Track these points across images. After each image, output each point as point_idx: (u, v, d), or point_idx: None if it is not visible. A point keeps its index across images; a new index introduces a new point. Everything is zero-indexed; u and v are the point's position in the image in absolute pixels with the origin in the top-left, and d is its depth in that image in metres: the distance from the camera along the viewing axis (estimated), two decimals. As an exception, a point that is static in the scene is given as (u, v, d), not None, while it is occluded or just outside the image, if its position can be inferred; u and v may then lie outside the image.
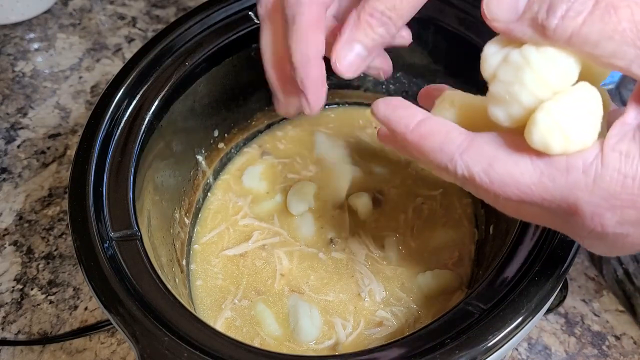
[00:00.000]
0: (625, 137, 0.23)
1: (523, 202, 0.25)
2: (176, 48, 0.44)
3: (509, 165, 0.24)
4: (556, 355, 0.47)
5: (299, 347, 0.42)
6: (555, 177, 0.23)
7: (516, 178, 0.24)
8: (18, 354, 0.48)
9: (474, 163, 0.25)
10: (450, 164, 0.25)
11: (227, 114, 0.51)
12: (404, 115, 0.27)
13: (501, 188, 0.24)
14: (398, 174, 0.52)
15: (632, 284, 0.47)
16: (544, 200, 0.24)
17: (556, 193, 0.23)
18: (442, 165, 0.26)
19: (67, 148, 0.63)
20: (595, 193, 0.23)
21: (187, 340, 0.31)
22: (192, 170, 0.49)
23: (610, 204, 0.23)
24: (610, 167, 0.22)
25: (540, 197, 0.24)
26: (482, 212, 0.48)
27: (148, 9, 0.79)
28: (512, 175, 0.24)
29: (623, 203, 0.22)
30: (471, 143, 0.25)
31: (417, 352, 0.30)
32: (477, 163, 0.25)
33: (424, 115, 0.27)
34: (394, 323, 0.43)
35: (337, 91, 0.56)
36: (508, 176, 0.24)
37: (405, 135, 0.27)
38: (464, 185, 0.27)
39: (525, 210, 0.26)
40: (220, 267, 0.47)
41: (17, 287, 0.52)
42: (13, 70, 0.71)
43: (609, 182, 0.22)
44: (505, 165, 0.24)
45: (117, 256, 0.35)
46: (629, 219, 0.23)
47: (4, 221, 0.57)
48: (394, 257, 0.46)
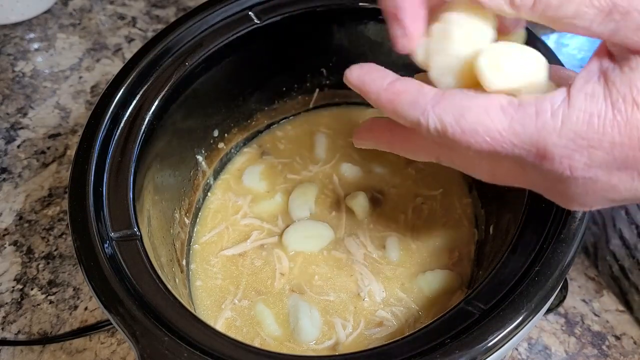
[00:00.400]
0: (590, 80, 0.23)
1: (495, 152, 0.25)
2: (176, 48, 0.44)
3: (479, 113, 0.25)
4: (556, 355, 0.47)
5: (299, 347, 0.42)
6: (525, 122, 0.24)
7: (487, 125, 0.24)
8: (18, 354, 0.48)
9: (446, 113, 0.25)
10: (423, 116, 0.26)
11: (227, 114, 0.51)
12: (377, 77, 0.28)
13: (473, 137, 0.25)
14: (398, 174, 0.52)
15: (628, 280, 0.47)
16: (515, 147, 0.24)
17: (526, 137, 0.24)
18: (415, 119, 0.26)
19: (67, 148, 0.63)
20: (563, 134, 0.23)
21: (187, 340, 0.31)
22: (192, 170, 0.49)
23: (578, 145, 0.23)
24: (577, 108, 0.23)
25: (510, 144, 0.24)
26: (482, 212, 0.48)
27: (148, 9, 0.79)
28: (483, 123, 0.24)
29: (590, 142, 0.23)
30: (443, 96, 0.26)
31: (417, 352, 0.30)
32: (449, 113, 0.25)
33: (397, 77, 0.28)
34: (394, 323, 0.43)
35: (337, 91, 0.56)
36: (479, 124, 0.24)
37: (379, 94, 0.27)
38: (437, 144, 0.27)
39: (497, 167, 0.27)
40: (219, 267, 0.47)
41: (17, 287, 0.52)
42: (13, 70, 0.71)
43: (576, 122, 0.23)
44: (477, 113, 0.25)
45: (117, 256, 0.35)
46: (596, 160, 0.23)
47: (4, 221, 0.57)
48: (394, 257, 0.46)
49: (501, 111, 0.24)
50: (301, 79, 0.54)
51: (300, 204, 0.49)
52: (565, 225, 0.34)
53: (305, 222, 0.49)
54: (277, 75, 0.53)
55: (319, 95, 0.56)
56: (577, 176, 0.24)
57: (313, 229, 0.48)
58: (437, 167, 0.52)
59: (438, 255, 0.46)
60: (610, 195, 0.25)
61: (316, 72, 0.54)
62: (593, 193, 0.25)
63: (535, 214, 0.35)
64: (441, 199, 0.50)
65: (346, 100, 0.57)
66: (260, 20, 0.46)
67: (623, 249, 0.47)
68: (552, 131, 0.23)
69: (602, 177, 0.24)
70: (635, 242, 0.46)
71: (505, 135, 0.24)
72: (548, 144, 0.23)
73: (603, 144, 0.23)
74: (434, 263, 0.46)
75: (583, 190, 0.25)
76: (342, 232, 0.48)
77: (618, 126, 0.22)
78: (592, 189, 0.24)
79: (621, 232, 0.47)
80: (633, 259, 0.46)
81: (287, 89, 0.54)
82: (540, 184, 0.27)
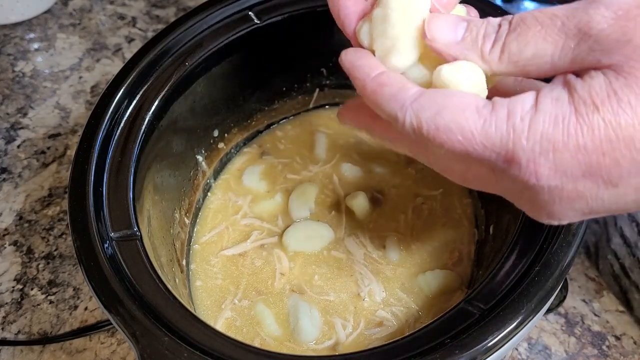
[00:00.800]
0: (555, 88, 0.25)
1: (466, 154, 0.25)
2: (176, 48, 0.44)
3: (456, 112, 0.25)
4: (556, 355, 0.47)
5: (299, 347, 0.42)
6: (497, 124, 0.25)
7: (461, 124, 0.25)
8: (18, 354, 0.48)
9: (424, 110, 0.26)
10: (401, 111, 0.27)
11: (227, 114, 0.51)
12: (368, 65, 0.29)
13: (447, 134, 0.25)
14: (398, 174, 0.52)
15: (629, 278, 0.47)
16: (485, 149, 0.25)
17: (496, 140, 0.24)
18: (393, 113, 0.27)
19: (67, 148, 0.63)
20: (530, 137, 0.24)
21: (187, 340, 0.31)
22: (192, 170, 0.49)
23: (543, 148, 0.24)
24: (543, 111, 0.24)
25: (481, 145, 0.25)
26: (482, 212, 0.48)
27: (148, 9, 0.79)
28: (458, 121, 0.25)
29: (555, 145, 0.23)
30: (423, 94, 0.27)
31: (417, 352, 0.30)
32: (427, 110, 0.26)
33: (387, 70, 0.29)
34: (394, 323, 0.43)
35: (337, 91, 0.56)
36: (454, 122, 0.25)
37: (365, 82, 0.29)
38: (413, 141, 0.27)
39: (469, 170, 0.27)
40: (219, 267, 0.47)
41: (17, 287, 0.52)
42: (13, 70, 0.71)
43: (542, 124, 0.24)
44: (453, 112, 0.25)
45: (117, 256, 0.35)
46: (562, 165, 0.24)
47: (4, 221, 0.57)
48: (394, 257, 0.46)
49: (476, 112, 0.25)
50: (301, 79, 0.54)
51: (300, 204, 0.49)
52: (565, 225, 0.34)
53: (305, 222, 0.49)
54: (277, 75, 0.53)
55: (319, 95, 0.56)
56: (542, 184, 0.24)
57: (313, 229, 0.48)
58: (437, 167, 0.52)
59: (438, 255, 0.46)
60: (577, 205, 0.25)
61: (316, 72, 0.54)
62: (560, 202, 0.25)
63: (535, 214, 0.35)
64: (441, 199, 0.50)
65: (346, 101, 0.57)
66: (260, 20, 0.46)
67: (624, 247, 0.47)
68: (520, 133, 0.24)
69: (568, 184, 0.24)
70: (636, 240, 0.46)
71: (477, 136, 0.25)
72: (516, 147, 0.24)
73: (568, 147, 0.23)
74: (434, 263, 0.46)
75: (550, 198, 0.25)
76: (342, 232, 0.48)
77: (581, 129, 0.23)
78: (559, 197, 0.25)
79: (622, 230, 0.47)
80: (634, 257, 0.46)
81: (287, 89, 0.54)
82: (510, 191, 0.27)
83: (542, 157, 0.24)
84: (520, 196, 0.27)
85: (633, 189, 0.24)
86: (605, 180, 0.24)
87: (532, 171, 0.24)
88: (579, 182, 0.24)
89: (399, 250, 0.47)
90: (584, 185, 0.24)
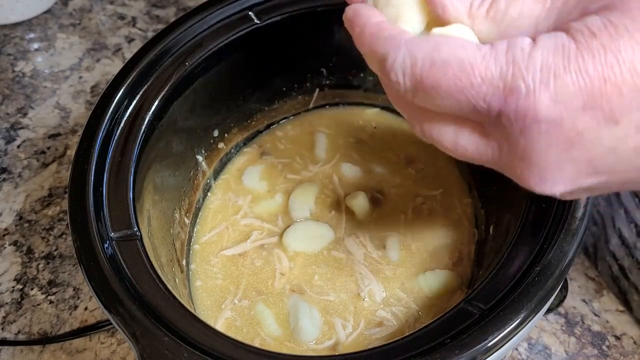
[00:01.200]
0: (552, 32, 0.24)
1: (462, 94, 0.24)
2: (176, 48, 0.44)
3: (454, 47, 0.25)
4: (556, 355, 0.47)
5: (299, 347, 0.42)
6: (497, 56, 0.24)
7: (460, 56, 0.24)
8: (18, 354, 0.48)
9: (419, 48, 0.25)
10: (394, 50, 0.26)
11: (227, 114, 0.51)
12: (372, 14, 0.28)
13: (443, 69, 0.24)
14: (398, 174, 0.52)
15: (627, 280, 0.47)
16: (483, 83, 0.24)
17: (495, 72, 0.24)
18: (385, 52, 0.26)
19: (67, 148, 0.63)
20: (530, 67, 0.23)
21: (187, 340, 0.31)
22: (192, 170, 0.49)
23: (544, 76, 0.23)
24: (542, 44, 0.23)
25: (480, 79, 0.24)
26: (482, 212, 0.48)
27: (148, 9, 0.79)
28: (457, 55, 0.24)
29: (556, 70, 0.23)
30: (421, 37, 0.26)
31: (417, 352, 0.30)
32: (423, 47, 0.25)
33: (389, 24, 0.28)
34: (394, 323, 0.43)
35: (337, 91, 0.56)
36: (453, 56, 0.24)
37: (365, 26, 0.28)
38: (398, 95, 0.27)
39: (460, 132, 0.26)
40: (219, 267, 0.47)
41: (17, 287, 0.52)
42: (13, 70, 0.71)
43: (542, 54, 0.23)
44: (451, 47, 0.25)
45: (117, 256, 0.35)
46: (563, 93, 0.23)
47: (4, 221, 0.57)
48: (394, 257, 0.46)
49: (475, 47, 0.24)
50: (301, 79, 0.54)
51: (300, 204, 0.49)
52: (565, 225, 0.34)
53: (305, 222, 0.49)
54: (277, 75, 0.53)
55: (319, 95, 0.56)
56: (541, 119, 0.23)
57: (313, 229, 0.48)
58: (437, 167, 0.52)
59: (438, 255, 0.46)
60: (575, 151, 0.24)
61: (316, 72, 0.54)
62: (557, 147, 0.24)
63: (535, 214, 0.35)
64: (441, 199, 0.50)
65: (346, 100, 0.57)
66: (260, 20, 0.46)
67: (622, 249, 0.47)
68: (520, 62, 0.23)
69: (568, 120, 0.23)
70: (634, 241, 0.46)
71: (475, 69, 0.24)
72: (516, 77, 0.23)
73: (569, 71, 0.22)
74: (434, 263, 0.46)
75: (546, 143, 0.24)
76: (342, 232, 0.48)
77: (581, 54, 0.22)
78: (557, 139, 0.23)
79: (620, 232, 0.47)
80: (632, 259, 0.46)
81: (287, 89, 0.54)
82: (501, 153, 0.26)
83: (542, 85, 0.23)
84: (513, 152, 0.25)
85: (635, 128, 0.23)
86: (607, 114, 0.23)
87: (531, 103, 0.23)
88: (578, 117, 0.23)
89: (399, 250, 0.47)
90: (584, 121, 0.23)
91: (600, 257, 0.50)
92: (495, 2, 0.26)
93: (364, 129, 0.55)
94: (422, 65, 0.25)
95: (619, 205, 0.47)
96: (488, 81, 0.24)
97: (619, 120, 0.23)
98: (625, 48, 0.22)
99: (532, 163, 0.25)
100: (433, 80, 0.25)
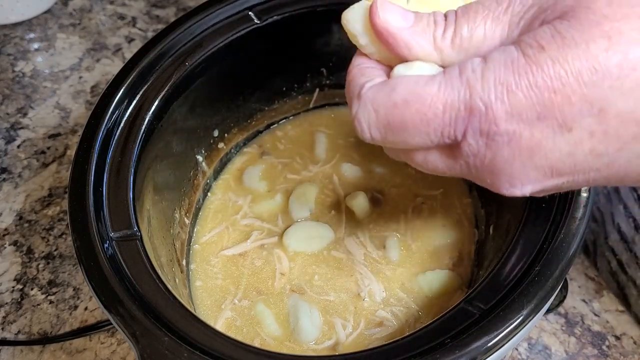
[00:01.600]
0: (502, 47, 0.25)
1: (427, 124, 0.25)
2: (176, 48, 0.44)
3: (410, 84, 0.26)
4: (556, 355, 0.47)
5: (299, 347, 0.42)
6: (452, 82, 0.25)
7: (417, 91, 0.25)
8: (18, 354, 0.48)
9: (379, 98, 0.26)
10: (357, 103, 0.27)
11: (227, 114, 0.51)
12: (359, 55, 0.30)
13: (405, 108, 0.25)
14: (398, 174, 0.52)
15: (625, 274, 0.47)
16: (445, 110, 0.25)
17: (454, 97, 0.25)
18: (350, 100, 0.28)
19: (67, 148, 0.63)
20: (484, 83, 0.24)
21: (187, 340, 0.31)
22: (192, 170, 0.49)
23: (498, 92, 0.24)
24: (492, 60, 0.25)
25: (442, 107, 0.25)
26: (482, 212, 0.48)
27: (148, 9, 0.79)
28: (414, 91, 0.25)
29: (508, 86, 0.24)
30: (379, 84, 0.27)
31: (417, 352, 0.30)
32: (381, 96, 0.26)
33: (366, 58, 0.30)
34: (394, 323, 0.43)
35: (337, 91, 0.56)
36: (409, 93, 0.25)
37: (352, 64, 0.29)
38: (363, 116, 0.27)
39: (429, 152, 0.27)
40: (219, 267, 0.47)
41: (17, 287, 0.52)
42: (13, 70, 0.71)
43: (493, 70, 0.24)
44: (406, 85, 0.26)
45: (117, 256, 0.35)
46: (517, 107, 0.24)
47: (4, 221, 0.57)
48: (394, 257, 0.46)
49: (430, 79, 0.25)
50: (301, 79, 0.54)
51: (300, 204, 0.49)
52: (565, 225, 0.34)
53: (305, 222, 0.49)
54: (277, 75, 0.53)
55: (319, 95, 0.56)
56: (502, 131, 0.24)
57: (313, 229, 0.48)
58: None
59: (438, 255, 0.46)
60: (537, 159, 0.25)
61: (316, 72, 0.54)
62: (520, 155, 0.25)
63: (535, 214, 0.35)
64: (441, 199, 0.50)
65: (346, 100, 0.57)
66: (260, 20, 0.46)
67: (621, 243, 0.47)
68: (474, 83, 0.24)
69: (525, 130, 0.24)
70: (632, 235, 0.46)
71: (436, 99, 0.25)
72: (473, 95, 0.24)
73: (520, 87, 0.24)
74: (434, 263, 0.46)
75: (509, 154, 0.25)
76: (342, 232, 0.48)
77: (530, 68, 0.23)
78: (518, 148, 0.25)
79: (619, 227, 0.47)
80: (631, 253, 0.46)
81: (287, 89, 0.54)
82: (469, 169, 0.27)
83: (498, 101, 0.24)
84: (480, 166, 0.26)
85: (587, 133, 0.24)
86: (560, 122, 0.24)
87: (491, 118, 0.24)
88: (535, 127, 0.24)
89: (399, 250, 0.47)
90: (540, 131, 0.24)
91: (600, 253, 0.50)
92: (458, 30, 0.26)
93: (364, 129, 0.55)
94: (385, 112, 0.26)
95: (618, 201, 0.47)
96: (449, 107, 0.25)
97: (571, 127, 0.24)
98: (573, 59, 0.23)
99: (500, 173, 0.26)
100: (399, 120, 0.26)
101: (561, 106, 0.23)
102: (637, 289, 0.47)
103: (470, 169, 0.27)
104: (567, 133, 0.24)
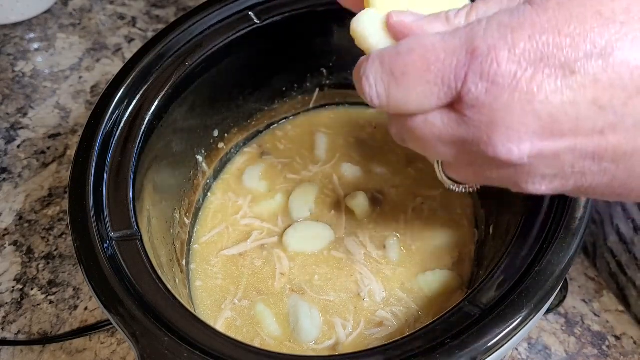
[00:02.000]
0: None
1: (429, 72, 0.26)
2: (176, 48, 0.44)
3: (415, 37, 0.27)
4: (556, 355, 0.47)
5: (299, 347, 0.42)
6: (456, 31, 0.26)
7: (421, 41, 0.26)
8: (18, 354, 0.48)
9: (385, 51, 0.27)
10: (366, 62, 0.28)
11: (227, 114, 0.51)
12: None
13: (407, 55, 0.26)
14: (398, 174, 0.52)
15: (625, 275, 0.47)
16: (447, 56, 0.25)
17: (456, 41, 0.25)
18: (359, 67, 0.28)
19: (67, 148, 0.63)
20: (488, 28, 0.25)
21: (187, 340, 0.31)
22: (192, 170, 0.49)
23: (501, 33, 0.24)
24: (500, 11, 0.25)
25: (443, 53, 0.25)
26: (482, 212, 0.48)
27: (148, 9, 0.79)
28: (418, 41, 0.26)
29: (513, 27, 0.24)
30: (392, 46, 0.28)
31: (417, 352, 0.30)
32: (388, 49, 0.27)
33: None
34: (394, 323, 0.43)
35: (337, 91, 0.56)
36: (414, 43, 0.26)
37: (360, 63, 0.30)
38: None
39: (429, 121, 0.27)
40: (219, 267, 0.47)
41: (17, 287, 0.52)
42: (13, 70, 0.71)
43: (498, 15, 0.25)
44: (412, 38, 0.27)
45: (117, 256, 0.35)
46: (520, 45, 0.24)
47: (4, 221, 0.57)
48: (394, 257, 0.46)
49: (436, 34, 0.26)
50: (301, 79, 0.54)
51: (300, 204, 0.49)
52: (565, 225, 0.34)
53: (305, 222, 0.49)
54: (277, 75, 0.53)
55: (319, 95, 0.56)
56: (503, 72, 0.24)
57: (313, 229, 0.48)
58: (437, 167, 0.52)
59: (438, 255, 0.46)
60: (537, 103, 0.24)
61: (316, 72, 0.54)
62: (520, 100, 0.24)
63: (535, 214, 0.35)
64: (441, 199, 0.50)
65: (346, 100, 0.57)
66: (260, 20, 0.46)
67: (620, 245, 0.47)
68: (478, 28, 0.25)
69: (527, 72, 0.24)
70: (632, 236, 0.46)
71: (438, 45, 0.25)
72: (476, 39, 0.25)
73: (524, 26, 0.24)
74: (434, 263, 0.46)
75: (509, 97, 0.24)
76: (342, 232, 0.48)
77: (536, 11, 0.24)
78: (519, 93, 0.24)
79: (618, 228, 0.47)
80: (630, 254, 0.46)
81: (287, 89, 0.54)
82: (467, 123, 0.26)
83: (501, 41, 0.24)
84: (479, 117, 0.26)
85: (591, 78, 0.23)
86: (563, 64, 0.24)
87: (493, 57, 0.24)
88: (537, 69, 0.24)
89: (399, 250, 0.47)
90: (542, 72, 0.24)
91: (599, 255, 0.50)
92: (474, 8, 0.27)
93: (364, 129, 0.55)
94: (389, 60, 0.26)
95: (617, 203, 0.47)
96: (451, 52, 0.25)
97: (574, 70, 0.24)
98: (579, 3, 0.23)
99: (498, 123, 0.25)
100: (402, 66, 0.26)
101: (565, 48, 0.23)
102: (636, 290, 0.47)
103: (469, 127, 0.26)
104: (571, 76, 0.24)
